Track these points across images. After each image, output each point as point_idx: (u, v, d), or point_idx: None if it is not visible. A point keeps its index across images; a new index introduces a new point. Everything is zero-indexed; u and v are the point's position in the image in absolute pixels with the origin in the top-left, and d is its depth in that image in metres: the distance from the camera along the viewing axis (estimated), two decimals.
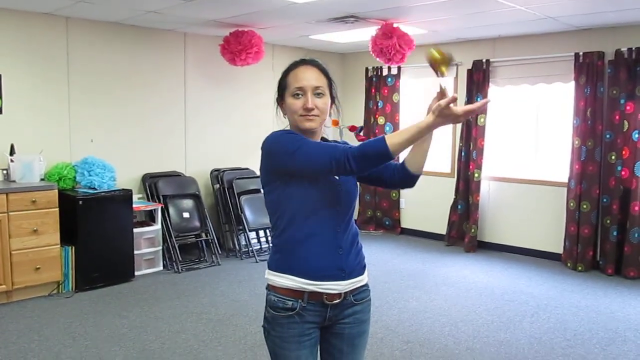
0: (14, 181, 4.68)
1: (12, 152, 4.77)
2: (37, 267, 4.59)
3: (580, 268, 5.62)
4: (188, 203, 5.91)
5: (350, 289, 1.85)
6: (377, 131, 7.25)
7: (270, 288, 1.86)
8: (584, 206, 5.61)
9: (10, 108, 4.91)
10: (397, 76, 7.06)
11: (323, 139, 1.93)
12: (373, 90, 7.32)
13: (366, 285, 1.94)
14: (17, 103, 4.95)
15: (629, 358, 3.63)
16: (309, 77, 1.80)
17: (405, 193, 7.21)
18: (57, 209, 4.69)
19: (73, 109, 5.30)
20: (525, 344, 3.83)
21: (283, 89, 1.85)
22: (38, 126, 5.09)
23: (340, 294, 1.82)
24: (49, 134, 5.15)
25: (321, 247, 1.79)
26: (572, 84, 5.69)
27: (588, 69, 5.53)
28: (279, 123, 1.99)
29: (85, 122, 5.38)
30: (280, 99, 1.88)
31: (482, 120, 6.29)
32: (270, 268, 1.86)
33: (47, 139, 5.13)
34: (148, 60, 5.81)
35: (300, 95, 1.80)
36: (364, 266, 1.92)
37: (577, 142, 5.63)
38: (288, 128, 1.90)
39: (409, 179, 1.88)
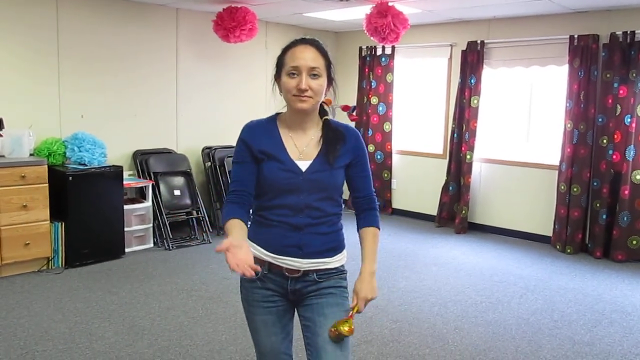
0: (3, 156, 4.63)
1: (0, 127, 4.71)
2: (27, 242, 4.57)
3: (569, 250, 5.67)
4: (179, 180, 5.88)
5: (312, 268, 1.87)
6: (369, 111, 7.22)
7: None
8: (575, 189, 5.64)
9: None
10: (391, 56, 7.01)
11: (325, 120, 1.91)
12: (367, 70, 7.26)
13: (336, 269, 1.92)
14: (6, 77, 4.87)
15: (615, 339, 3.69)
16: (305, 57, 1.78)
17: (397, 174, 7.22)
18: (47, 185, 4.66)
19: (63, 84, 5.23)
20: (513, 325, 3.87)
21: (280, 66, 1.85)
22: (28, 101, 5.01)
23: (299, 270, 1.87)
24: (38, 108, 5.08)
25: (283, 225, 1.85)
26: (566, 66, 5.68)
27: (582, 52, 5.51)
28: (276, 104, 1.98)
29: (75, 97, 5.31)
30: (278, 76, 1.87)
31: (475, 101, 6.27)
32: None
33: (37, 113, 5.07)
34: (140, 36, 5.72)
35: (295, 75, 1.78)
36: (336, 250, 1.92)
37: (569, 125, 5.64)
38: (283, 110, 1.92)
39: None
